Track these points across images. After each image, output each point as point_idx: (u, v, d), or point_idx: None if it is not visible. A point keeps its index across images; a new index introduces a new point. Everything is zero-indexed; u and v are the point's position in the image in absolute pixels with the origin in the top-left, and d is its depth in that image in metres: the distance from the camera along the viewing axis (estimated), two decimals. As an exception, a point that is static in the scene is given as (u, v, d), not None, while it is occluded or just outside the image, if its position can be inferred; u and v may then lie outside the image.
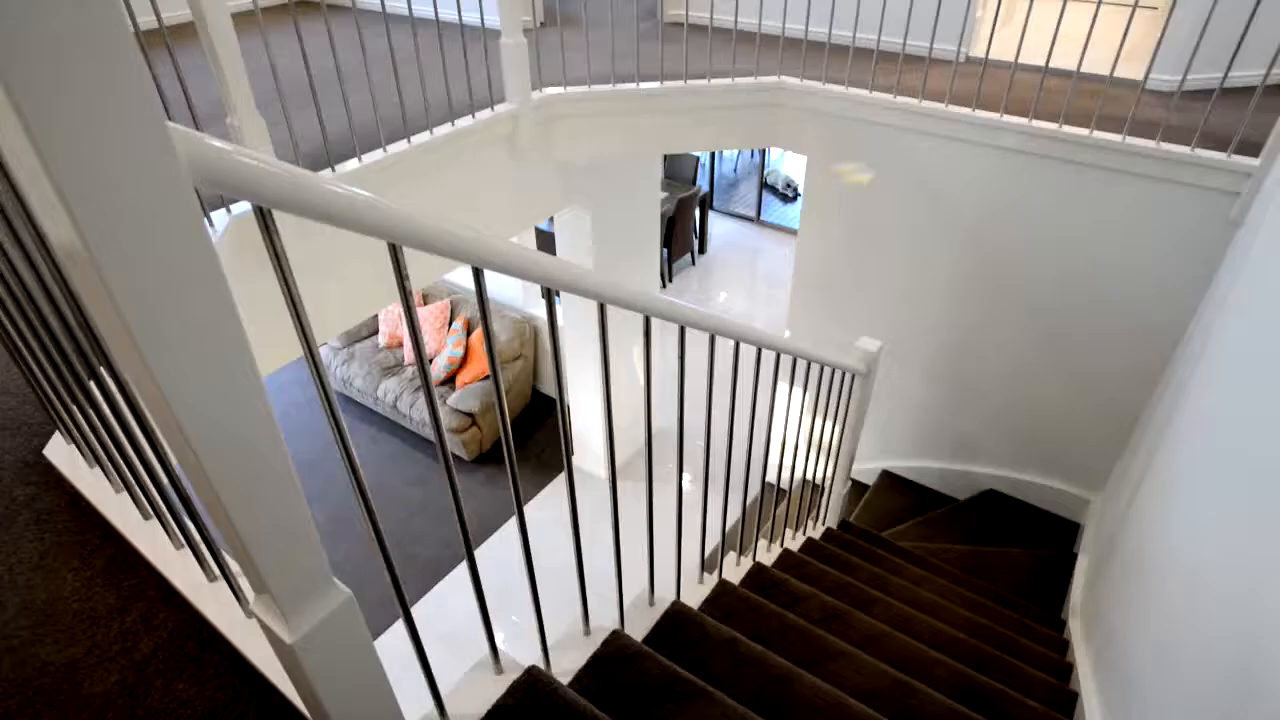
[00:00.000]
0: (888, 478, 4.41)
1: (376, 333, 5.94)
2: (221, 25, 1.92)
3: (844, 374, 2.80)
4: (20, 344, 1.25)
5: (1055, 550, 3.76)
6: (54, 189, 0.46)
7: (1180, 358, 2.84)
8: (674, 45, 3.71)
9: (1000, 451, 3.95)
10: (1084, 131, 2.82)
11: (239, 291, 0.60)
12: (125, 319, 0.53)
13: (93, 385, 1.08)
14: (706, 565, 2.20)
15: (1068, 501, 3.88)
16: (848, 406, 2.92)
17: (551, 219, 4.29)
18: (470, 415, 5.16)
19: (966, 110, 3.00)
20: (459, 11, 2.60)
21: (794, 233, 7.70)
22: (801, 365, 2.43)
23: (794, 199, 8.30)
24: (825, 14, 3.36)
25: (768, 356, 2.10)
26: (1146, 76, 2.84)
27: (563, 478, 5.06)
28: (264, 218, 0.67)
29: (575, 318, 4.61)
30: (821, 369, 2.55)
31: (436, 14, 2.60)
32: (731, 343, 1.77)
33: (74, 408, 1.26)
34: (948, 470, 4.20)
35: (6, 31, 0.40)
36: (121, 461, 1.19)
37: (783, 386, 4.36)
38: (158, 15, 1.96)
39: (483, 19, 2.77)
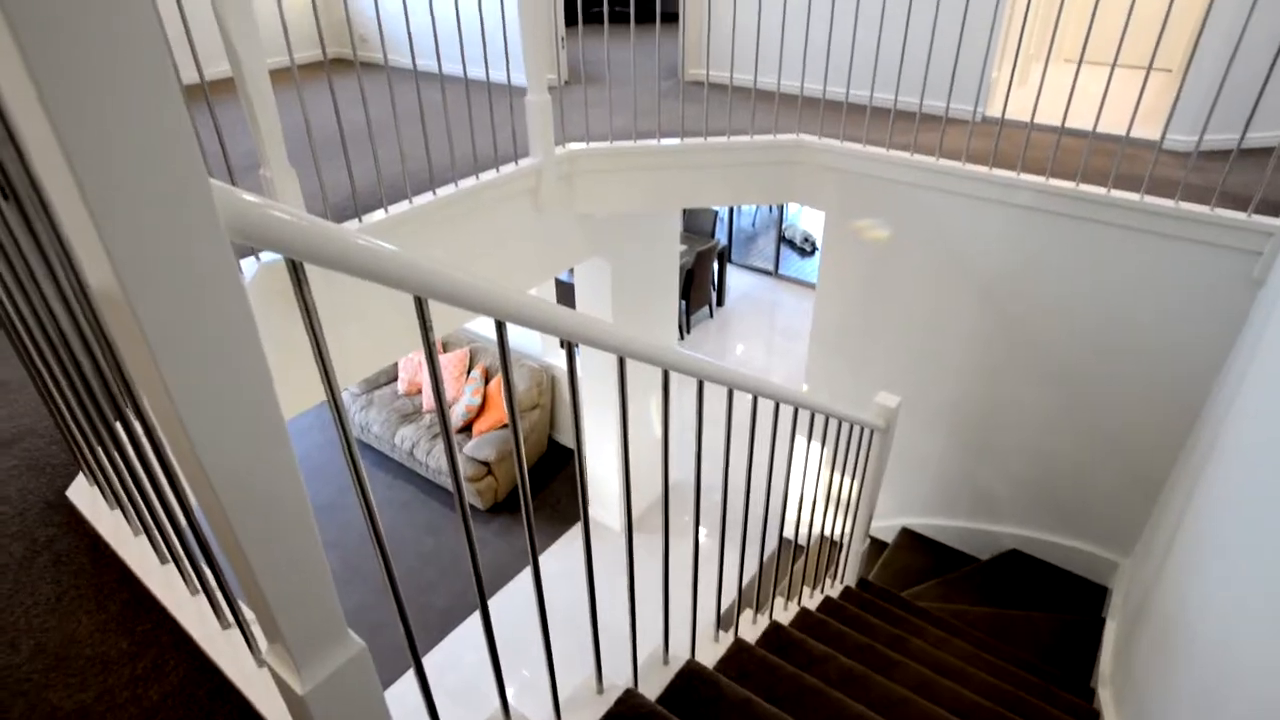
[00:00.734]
0: (907, 535, 4.33)
1: (396, 379, 5.98)
2: (259, 81, 1.99)
3: (862, 429, 2.77)
4: (52, 385, 1.28)
5: (1081, 615, 3.65)
6: (98, 236, 0.48)
7: (1206, 419, 2.80)
8: (695, 103, 3.80)
9: (1022, 510, 3.88)
10: (1101, 190, 2.84)
11: (264, 336, 0.61)
12: (156, 362, 0.54)
13: (118, 426, 1.10)
14: (722, 623, 2.16)
15: (1094, 564, 3.78)
16: (866, 462, 2.89)
17: (571, 270, 4.34)
18: (486, 464, 5.15)
19: (983, 169, 3.04)
20: (486, 70, 2.69)
21: (812, 287, 7.73)
22: (819, 420, 2.41)
23: (812, 253, 8.36)
24: (843, 74, 3.44)
25: (785, 410, 2.10)
26: (1163, 137, 2.87)
27: (576, 529, 5.01)
28: (296, 270, 0.69)
29: (593, 368, 4.63)
30: (840, 424, 2.53)
31: (465, 72, 2.69)
32: (749, 396, 1.77)
33: (98, 449, 1.27)
34: (969, 529, 4.12)
35: (66, 89, 0.42)
36: (142, 503, 1.20)
37: (800, 441, 4.34)
38: (200, 72, 2.04)
39: (509, 77, 2.86)
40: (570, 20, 4.75)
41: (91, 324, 0.95)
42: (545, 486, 5.51)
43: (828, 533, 3.02)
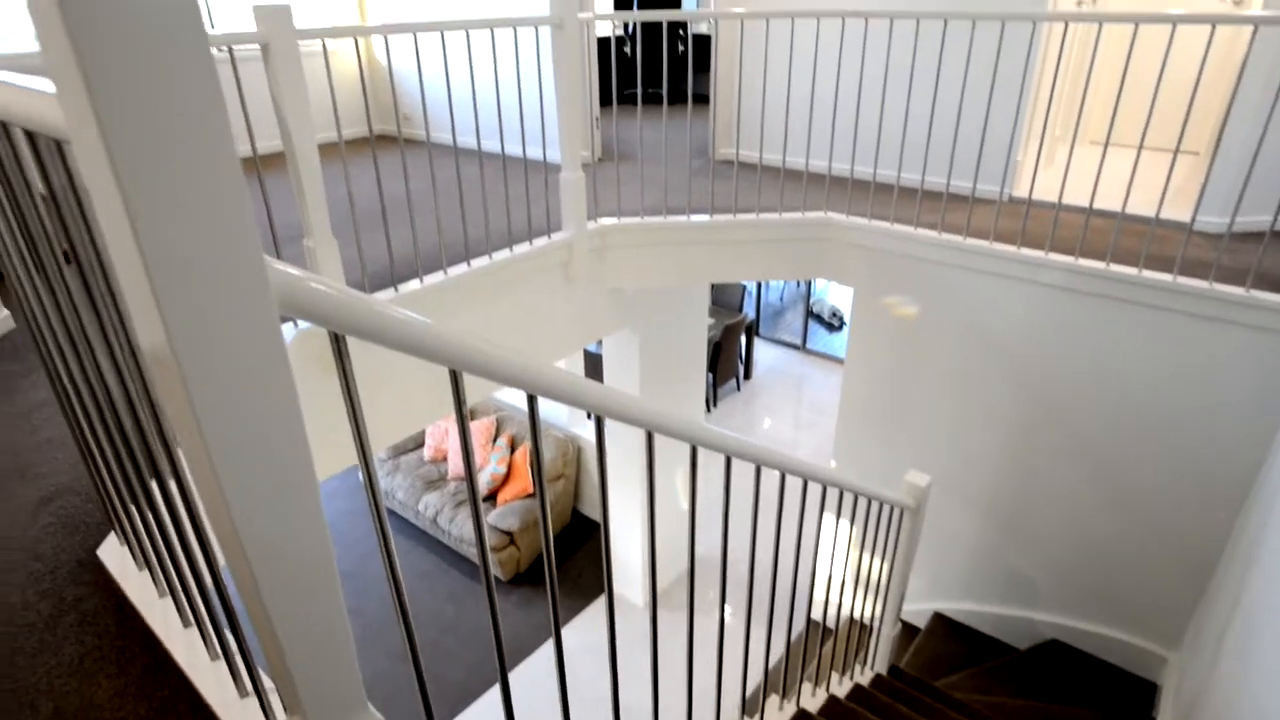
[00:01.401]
0: (940, 621, 4.17)
1: (422, 445, 6.01)
2: (309, 158, 2.09)
3: (892, 508, 2.72)
4: (93, 442, 1.31)
5: (1129, 712, 3.45)
6: (155, 302, 0.50)
7: (1255, 501, 2.70)
8: (724, 181, 3.90)
9: (1062, 598, 3.73)
10: (1132, 270, 2.83)
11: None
12: (199, 423, 0.55)
13: (153, 485, 1.12)
14: (747, 708, 2.07)
15: (1140, 657, 3.60)
16: (896, 542, 2.82)
17: (600, 341, 4.39)
18: (509, 534, 5.10)
19: (1011, 248, 3.05)
20: (523, 147, 2.79)
21: (840, 361, 7.71)
22: (848, 498, 2.37)
23: (840, 328, 8.36)
24: (870, 155, 3.51)
25: (814, 487, 2.07)
26: (1194, 218, 2.87)
27: (598, 604, 4.90)
28: (338, 343, 0.71)
29: (619, 440, 4.61)
30: (869, 502, 2.49)
31: (503, 149, 2.80)
32: (777, 472, 1.75)
33: (132, 508, 1.29)
34: (1005, 616, 3.96)
35: (139, 165, 0.45)
36: (170, 564, 1.20)
37: (829, 518, 4.25)
38: (253, 146, 2.15)
39: (545, 154, 2.96)
40: (605, 101, 4.95)
41: (137, 385, 0.97)
42: (568, 559, 5.43)
43: (857, 615, 2.92)
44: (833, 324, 8.46)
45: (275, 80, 1.99)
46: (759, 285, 8.61)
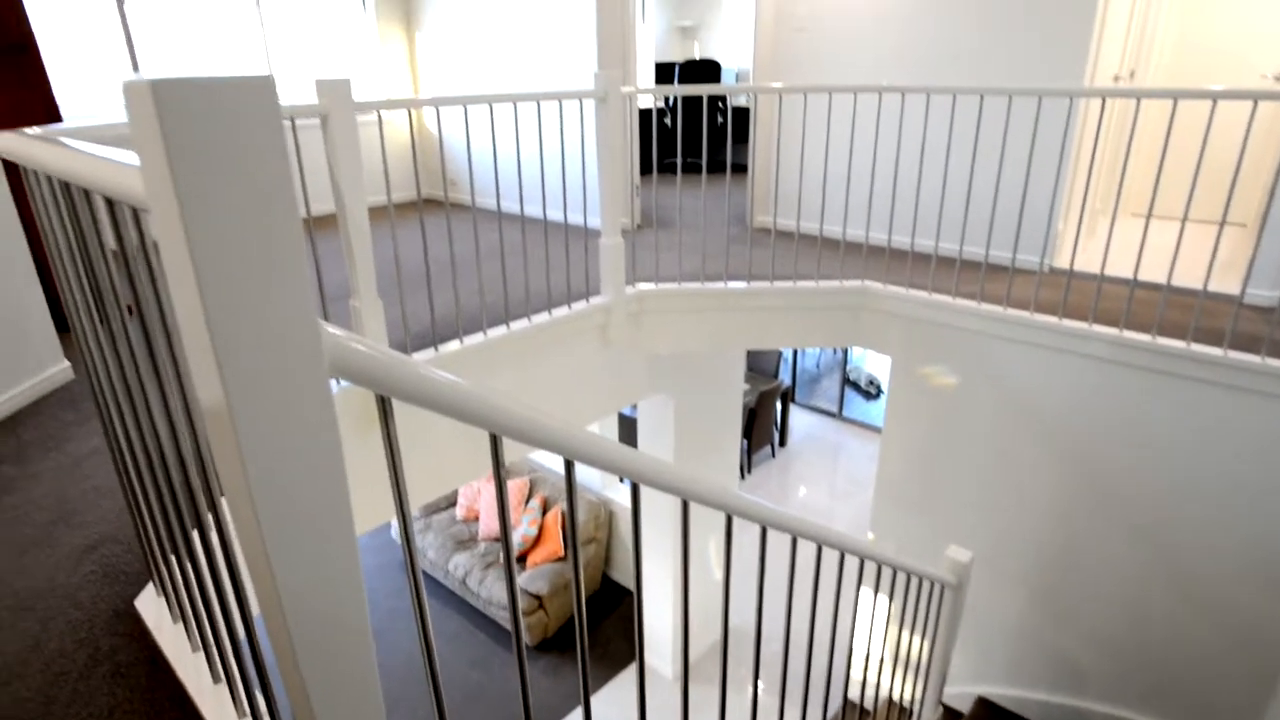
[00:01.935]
0: (984, 707, 3.97)
1: (454, 504, 6.01)
2: (359, 222, 2.17)
3: (932, 585, 2.63)
4: (139, 491, 1.34)
5: (1192, 815, 3.21)
6: (214, 358, 0.52)
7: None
8: (762, 249, 3.94)
9: (1115, 687, 3.53)
10: (1180, 344, 2.77)
11: (340, 459, 0.64)
12: (247, 475, 0.57)
13: (195, 535, 1.14)
14: (780, 791, 1.98)
15: (1202, 754, 3.37)
16: (937, 620, 2.71)
17: (635, 405, 4.39)
18: (538, 598, 5.03)
19: (1053, 319, 3.01)
20: (565, 213, 2.87)
21: (877, 430, 7.59)
22: (886, 572, 2.30)
23: (877, 396, 8.26)
24: (908, 224, 3.53)
25: (851, 560, 2.01)
26: (1243, 291, 2.81)
27: (627, 673, 4.77)
28: (383, 405, 0.73)
29: (651, 505, 4.57)
30: (908, 578, 2.41)
31: (544, 214, 2.88)
32: (813, 543, 1.71)
33: (171, 558, 1.31)
34: (1053, 704, 3.75)
35: (211, 231, 0.48)
36: (205, 617, 1.21)
37: (866, 593, 4.12)
38: (307, 208, 2.24)
39: (585, 220, 3.04)
40: (645, 169, 5.08)
41: (187, 437, 1.00)
42: (597, 625, 5.32)
43: (896, 697, 2.80)
44: (870, 392, 8.36)
45: (332, 149, 2.09)
46: (795, 351, 8.59)
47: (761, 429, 7.03)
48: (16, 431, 2.26)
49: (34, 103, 2.93)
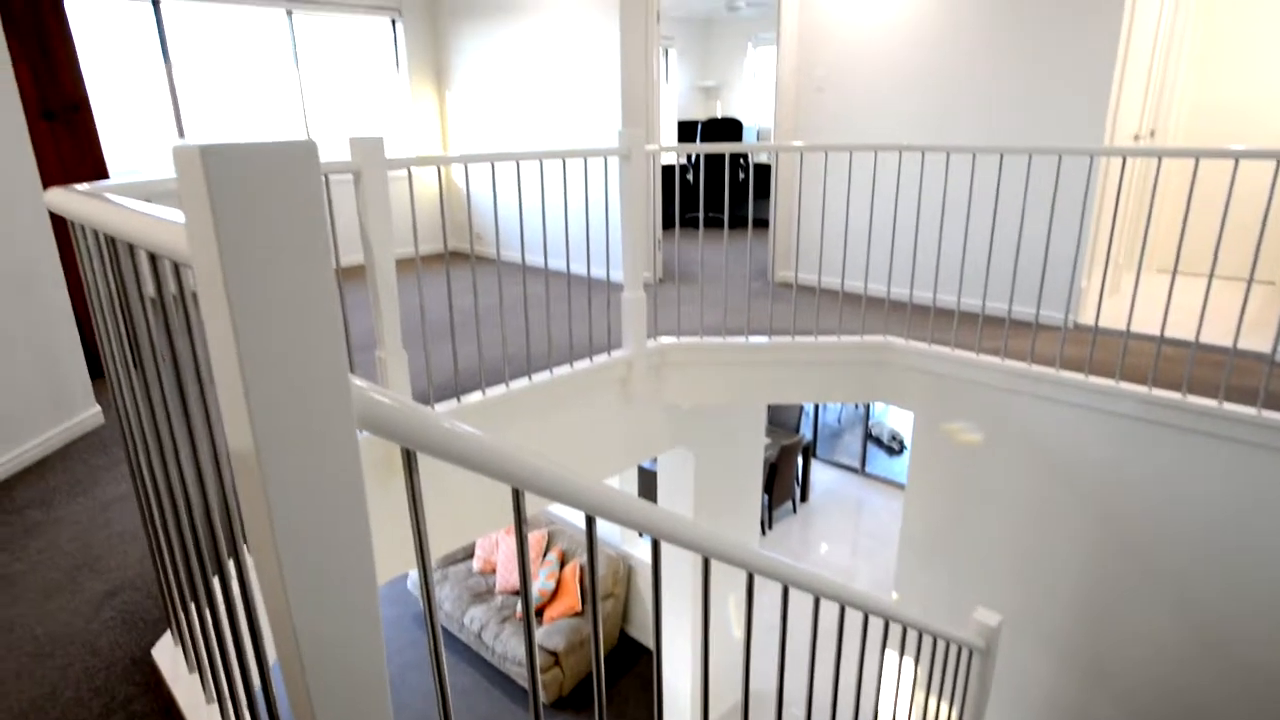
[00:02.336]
0: (1018, 779, 3.79)
1: (472, 556, 5.97)
2: (387, 275, 2.22)
3: (960, 648, 2.55)
4: (163, 537, 1.35)
5: None
6: (247, 408, 0.54)
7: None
8: (783, 304, 3.96)
9: (1155, 760, 3.37)
10: (1212, 402, 2.72)
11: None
12: (273, 524, 0.58)
13: (215, 581, 1.14)
14: None
15: (1250, 837, 3.18)
16: (965, 686, 2.62)
17: (655, 458, 4.37)
18: (554, 654, 4.94)
19: (1079, 375, 2.98)
20: (588, 266, 2.91)
21: (900, 486, 7.47)
22: (912, 634, 2.24)
23: (900, 452, 8.15)
24: (929, 280, 3.54)
25: (875, 620, 1.97)
26: (1275, 349, 2.77)
27: (644, 736, 4.64)
28: (409, 459, 0.74)
29: (671, 560, 4.50)
30: (934, 640, 2.34)
31: (568, 268, 2.93)
32: (835, 602, 1.67)
33: (191, 605, 1.31)
34: (1091, 777, 3.58)
35: (252, 288, 0.49)
36: (221, 668, 1.21)
37: (891, 656, 3.99)
38: (336, 260, 2.30)
39: (608, 273, 3.08)
40: (667, 224, 5.15)
41: (215, 484, 1.02)
42: (614, 684, 5.20)
43: (924, 766, 2.69)
44: (892, 448, 8.26)
45: (364, 204, 2.15)
46: (816, 406, 8.53)
47: (782, 484, 6.95)
48: (46, 475, 2.30)
49: (84, 158, 3.06)
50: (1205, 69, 4.80)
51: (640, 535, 5.54)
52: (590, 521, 0.96)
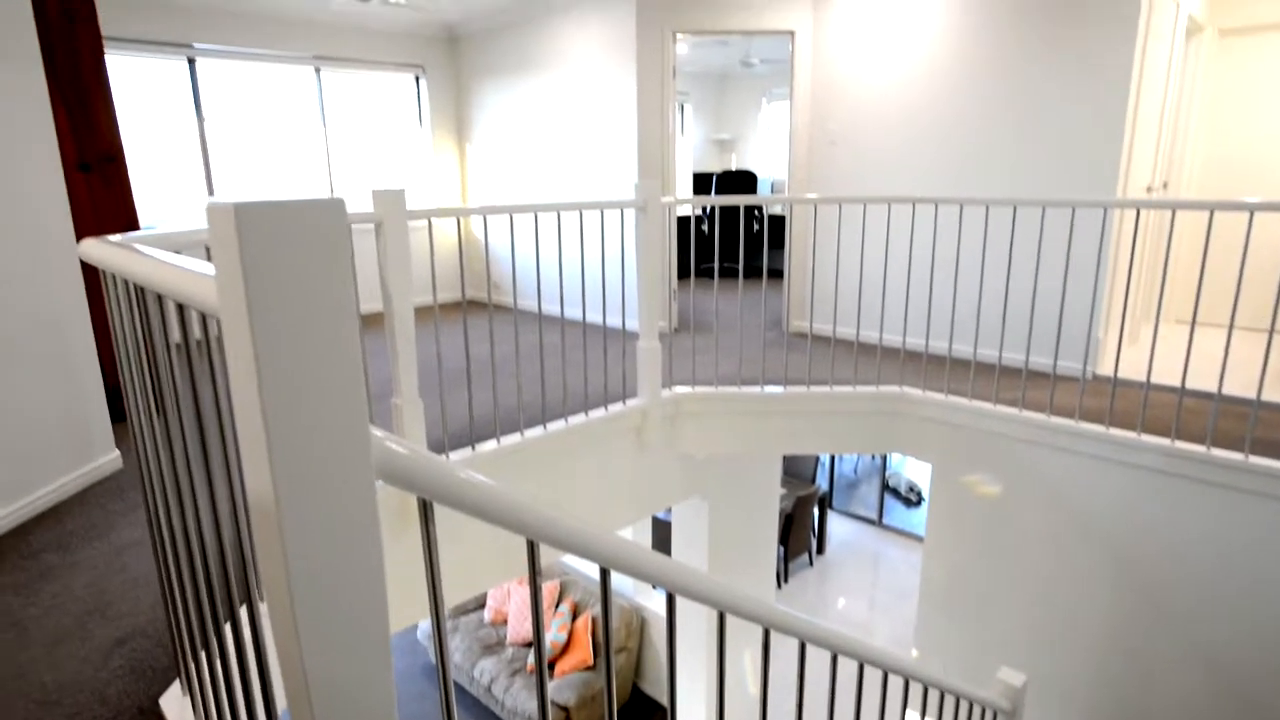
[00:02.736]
0: None
1: (483, 606, 5.89)
2: (405, 325, 2.25)
3: (983, 710, 2.47)
4: (176, 583, 1.35)
5: None
6: (268, 454, 0.54)
7: None
8: (798, 354, 3.96)
9: (1192, 833, 3.22)
10: (1238, 456, 2.67)
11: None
12: (288, 571, 0.58)
13: (227, 628, 1.13)
14: None
15: None
16: (990, 748, 2.53)
17: (669, 508, 4.33)
18: (565, 709, 4.83)
19: (1099, 427, 2.94)
20: (604, 316, 2.94)
21: (919, 539, 7.33)
22: (933, 693, 2.18)
23: (918, 504, 8.03)
24: (945, 330, 3.54)
25: (894, 679, 1.91)
26: (1299, 405, 2.73)
27: (656, 797, 4.49)
28: (425, 509, 0.74)
29: (685, 614, 4.42)
30: (957, 701, 2.27)
31: (584, 317, 2.95)
32: (854, 661, 1.64)
33: (201, 653, 1.30)
34: None
35: (274, 346, 0.51)
36: (230, 717, 1.19)
37: (912, 716, 3.88)
38: (356, 307, 2.33)
39: (624, 323, 3.10)
40: (683, 274, 5.20)
41: (231, 530, 1.02)
42: (625, 742, 5.07)
43: (948, 835, 2.58)
44: (910, 499, 8.13)
45: (384, 255, 2.19)
46: (832, 457, 8.45)
47: (798, 536, 6.85)
48: (63, 519, 2.31)
49: (117, 208, 3.15)
50: (1216, 121, 4.85)
51: (654, 588, 5.46)
52: (605, 574, 0.96)
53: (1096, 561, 3.12)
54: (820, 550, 7.40)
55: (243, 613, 1.11)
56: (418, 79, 5.90)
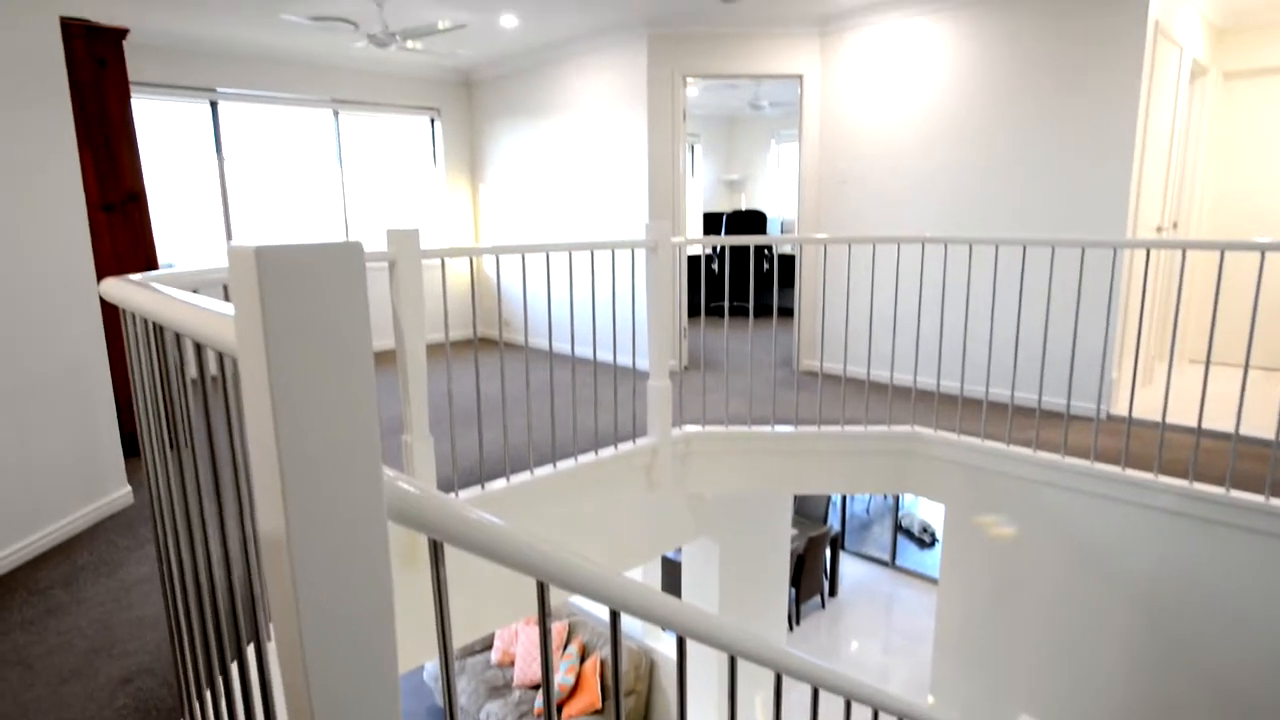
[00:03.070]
0: None
1: (490, 648, 5.81)
2: (417, 361, 2.27)
3: (1002, 757, 2.40)
4: (184, 622, 1.34)
5: None
6: (281, 493, 0.55)
7: None
8: (808, 392, 3.95)
9: None
10: (1258, 498, 2.63)
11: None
12: (299, 608, 0.58)
13: (233, 667, 1.13)
14: None
15: None
16: (1010, 800, 2.46)
17: (679, 548, 4.29)
18: (572, 754, 4.73)
19: (1115, 468, 2.91)
20: (614, 354, 2.95)
21: (933, 581, 7.21)
22: (950, 739, 2.12)
23: (931, 545, 7.91)
24: (956, 369, 3.52)
25: (909, 724, 1.87)
26: (1318, 447, 2.69)
27: None
28: (435, 550, 0.74)
29: (695, 656, 4.35)
30: (974, 747, 2.22)
31: (595, 355, 2.97)
32: (868, 707, 1.60)
33: (207, 693, 1.29)
34: None
35: (291, 387, 0.52)
36: (232, 761, 1.18)
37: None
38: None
39: (634, 361, 3.11)
40: (693, 313, 5.23)
41: (241, 568, 1.02)
42: (633, 790, 4.94)
43: None
44: (924, 540, 8.02)
45: (397, 293, 2.22)
46: (844, 496, 8.36)
47: (810, 577, 6.74)
48: (73, 555, 2.32)
49: (136, 246, 3.22)
50: (1224, 162, 4.87)
51: (664, 630, 5.38)
52: (615, 616, 0.95)
53: (1115, 604, 3.05)
54: (833, 592, 7.28)
55: (250, 651, 1.10)
56: (433, 121, 6.02)
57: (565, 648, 5.45)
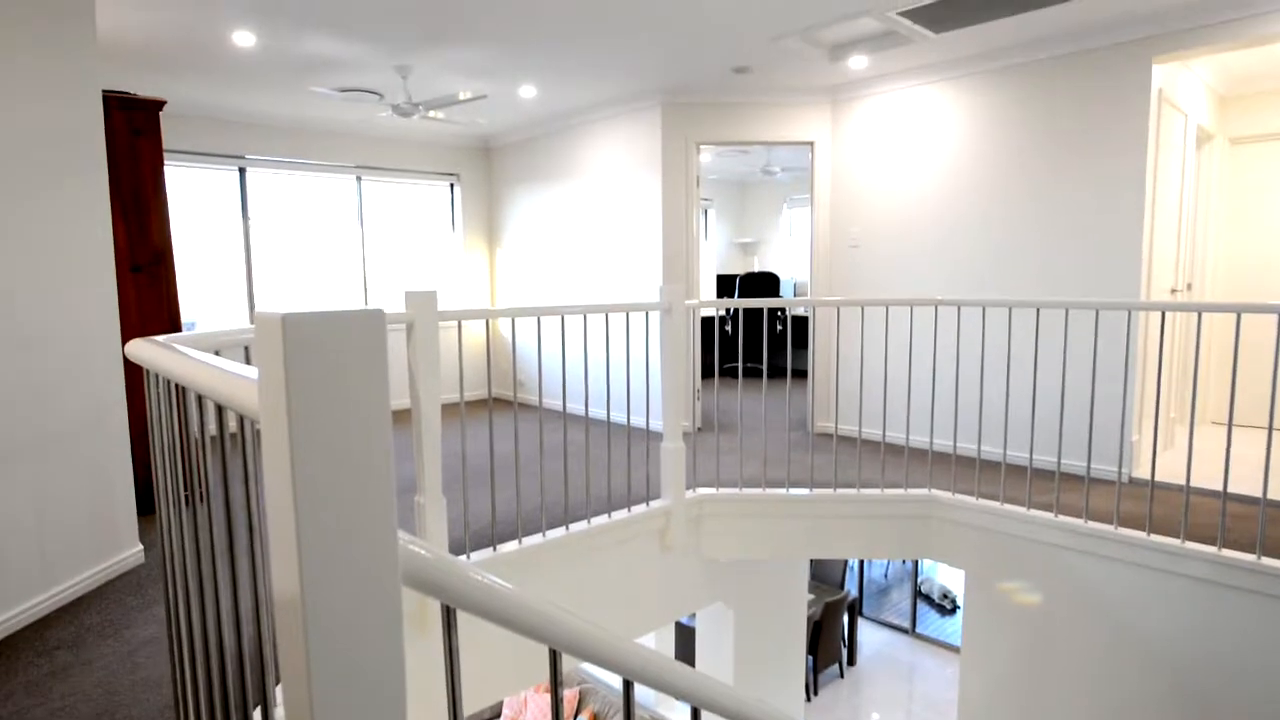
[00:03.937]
0: None
1: (499, 716, 5.65)
2: (432, 422, 2.28)
3: (1033, 840, 2.29)
4: (190, 685, 1.32)
5: None
6: (298, 556, 0.55)
7: None
8: (823, 454, 3.92)
9: None
10: (1288, 567, 2.55)
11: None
12: (310, 671, 0.58)
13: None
14: None
15: None
16: None
17: (693, 613, 4.20)
18: (581, 832, 4.54)
19: (1140, 533, 2.84)
20: (628, 415, 2.95)
21: (955, 649, 6.99)
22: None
23: (953, 611, 7.70)
24: (973, 432, 3.49)
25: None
26: (1348, 513, 2.62)
27: None
28: (448, 615, 0.74)
29: (709, 725, 4.22)
30: (1003, 829, 2.11)
31: (609, 416, 2.97)
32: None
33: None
34: None
35: (310, 451, 0.53)
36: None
37: (955, 847, 3.59)
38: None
39: (648, 422, 3.11)
40: (706, 374, 5.23)
41: (251, 629, 1.01)
42: None
43: None
44: (944, 606, 7.80)
45: (414, 354, 2.25)
46: (861, 561, 8.19)
47: (828, 644, 6.56)
48: (81, 614, 2.30)
49: (161, 306, 3.29)
50: (1235, 224, 4.89)
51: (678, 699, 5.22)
52: (628, 686, 0.93)
53: (1142, 672, 2.94)
54: (851, 660, 7.07)
55: (256, 716, 1.08)
56: (452, 186, 6.19)
57: (576, 716, 5.29)
